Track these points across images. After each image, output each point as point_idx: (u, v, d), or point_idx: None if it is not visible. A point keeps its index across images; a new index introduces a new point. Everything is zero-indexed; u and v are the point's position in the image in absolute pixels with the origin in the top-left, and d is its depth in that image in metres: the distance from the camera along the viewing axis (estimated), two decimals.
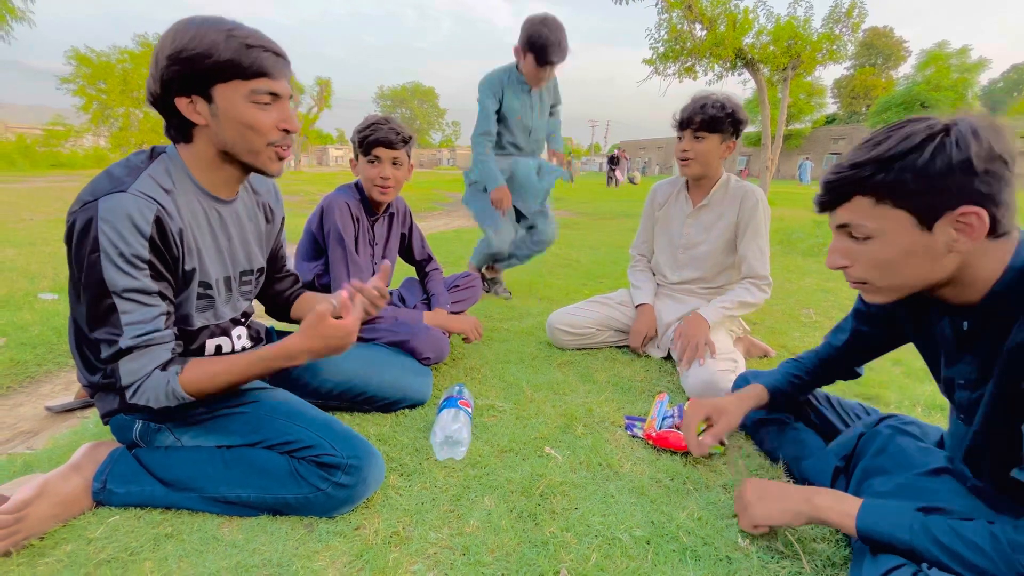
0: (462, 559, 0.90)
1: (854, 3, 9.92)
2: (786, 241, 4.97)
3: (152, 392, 0.90)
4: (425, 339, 1.60)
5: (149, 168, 0.90)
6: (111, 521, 0.97)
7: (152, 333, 0.89)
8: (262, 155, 0.94)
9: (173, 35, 0.85)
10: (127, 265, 0.84)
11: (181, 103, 0.88)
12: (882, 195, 0.70)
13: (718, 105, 1.63)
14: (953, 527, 0.70)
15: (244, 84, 0.88)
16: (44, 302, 2.47)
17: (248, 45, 0.86)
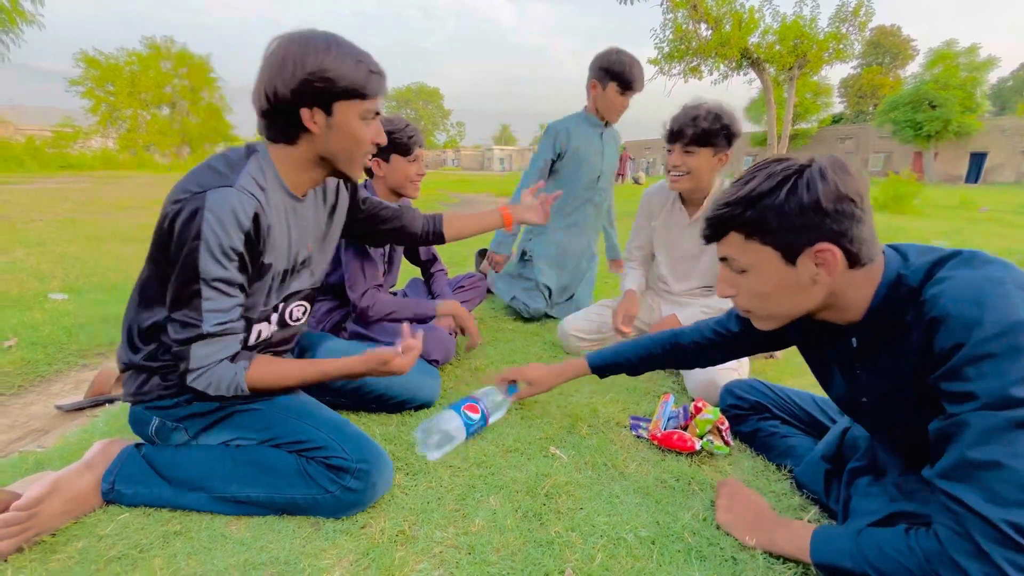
0: (467, 558, 0.90)
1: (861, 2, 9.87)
2: None
3: (216, 381, 0.96)
4: (433, 341, 1.61)
5: (248, 165, 0.96)
6: (121, 518, 0.98)
7: (229, 323, 0.95)
8: (356, 163, 1.06)
9: (313, 53, 0.93)
10: (222, 256, 0.90)
11: (304, 113, 0.96)
12: (750, 232, 0.76)
13: (711, 117, 1.54)
14: (879, 543, 0.73)
15: (361, 104, 0.99)
16: (54, 302, 2.50)
17: (371, 71, 0.98)
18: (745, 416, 1.29)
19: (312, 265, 1.17)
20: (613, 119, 2.24)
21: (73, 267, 3.27)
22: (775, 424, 1.24)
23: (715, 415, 1.27)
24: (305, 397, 1.12)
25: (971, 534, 0.61)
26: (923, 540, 0.68)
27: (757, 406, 1.26)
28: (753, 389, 1.28)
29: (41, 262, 3.37)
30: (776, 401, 1.25)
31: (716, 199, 0.80)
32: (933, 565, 0.65)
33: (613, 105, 2.17)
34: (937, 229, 5.81)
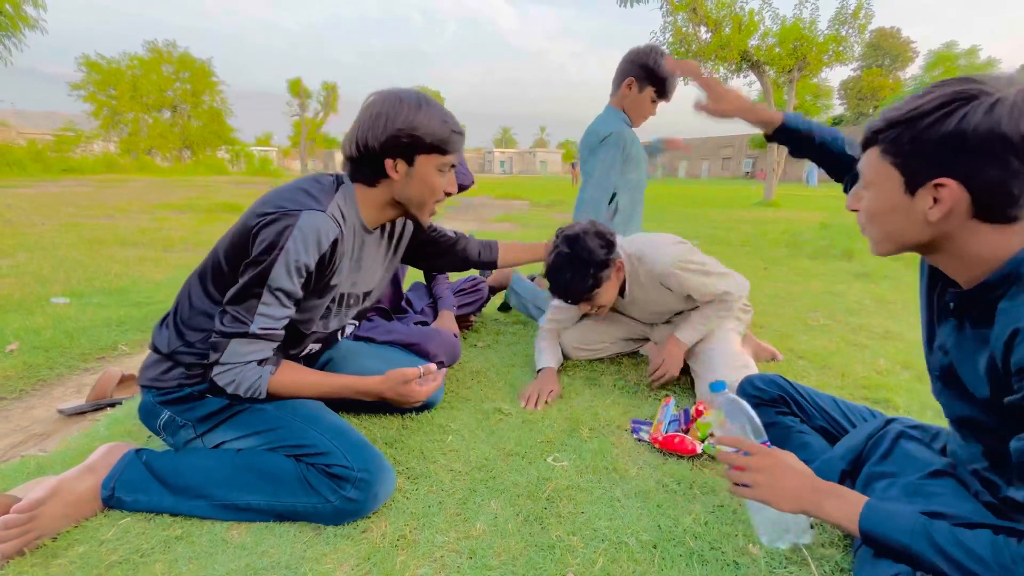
0: (469, 562, 0.90)
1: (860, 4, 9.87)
2: (793, 244, 4.94)
3: (240, 380, 1.01)
4: (438, 342, 1.62)
5: (336, 195, 1.07)
6: (122, 523, 0.98)
7: (273, 331, 1.01)
8: (427, 209, 1.16)
9: (407, 110, 1.03)
10: (295, 271, 0.98)
11: (388, 163, 1.06)
12: (886, 149, 0.72)
13: (580, 273, 1.43)
14: (955, 533, 0.69)
15: (440, 158, 1.09)
16: (56, 306, 2.50)
17: (453, 131, 1.08)
18: (764, 407, 1.27)
19: (372, 296, 1.27)
20: (637, 123, 2.07)
21: (75, 271, 3.28)
22: (793, 420, 1.22)
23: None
24: (312, 401, 1.12)
25: None
26: (1013, 545, 0.65)
27: (777, 400, 1.25)
28: (775, 384, 1.27)
29: (43, 266, 3.38)
30: (796, 399, 1.24)
31: (884, 110, 0.74)
32: (1016, 567, 0.62)
33: (644, 110, 2.02)
34: None
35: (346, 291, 1.17)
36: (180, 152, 26.28)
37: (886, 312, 2.70)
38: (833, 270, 3.82)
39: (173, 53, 25.75)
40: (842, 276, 3.62)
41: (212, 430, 1.06)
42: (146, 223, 5.76)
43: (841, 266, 3.96)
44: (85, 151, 21.63)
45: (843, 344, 2.16)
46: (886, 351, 2.06)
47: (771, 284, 3.31)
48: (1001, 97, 0.63)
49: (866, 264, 3.91)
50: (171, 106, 26.38)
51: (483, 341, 2.13)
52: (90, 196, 8.91)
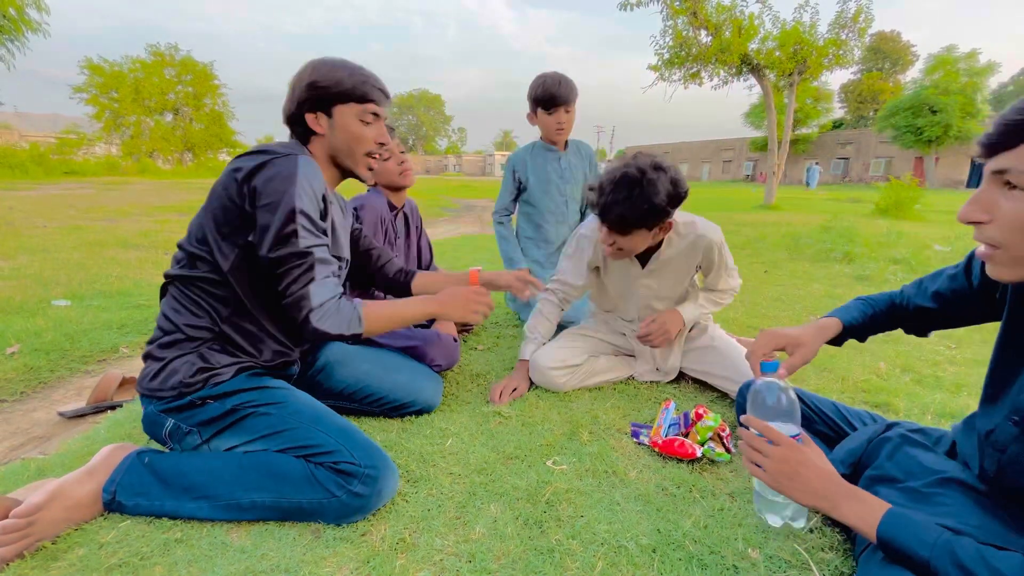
0: (468, 566, 0.90)
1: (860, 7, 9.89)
2: (793, 247, 4.94)
3: (339, 317, 1.06)
4: (436, 345, 1.62)
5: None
6: (122, 526, 0.98)
7: (329, 257, 1.07)
8: (359, 160, 1.19)
9: (312, 70, 1.12)
10: (315, 199, 1.05)
11: (309, 117, 1.13)
12: None
13: (643, 197, 1.26)
14: (981, 552, 0.66)
15: (357, 106, 1.14)
16: (57, 308, 2.51)
17: (363, 81, 1.13)
18: None
19: (345, 267, 1.28)
20: (557, 139, 2.20)
21: (76, 273, 3.29)
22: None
23: (716, 422, 1.27)
24: (315, 402, 1.13)
25: None
26: None
27: None
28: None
29: (44, 268, 3.39)
30: None
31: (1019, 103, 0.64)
32: None
33: (548, 127, 2.17)
34: (939, 234, 5.80)
35: (339, 254, 1.20)
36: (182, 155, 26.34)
37: None
38: (833, 273, 3.82)
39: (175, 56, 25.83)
40: (842, 279, 3.62)
41: (218, 435, 1.06)
42: (148, 225, 5.77)
43: (841, 269, 3.95)
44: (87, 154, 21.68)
45: (843, 348, 2.15)
46: (886, 354, 2.06)
47: (772, 287, 3.31)
48: None
49: (866, 267, 3.91)
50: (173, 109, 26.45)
51: (483, 344, 2.14)
52: (92, 198, 8.93)
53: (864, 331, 1.12)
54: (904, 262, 4.02)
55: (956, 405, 1.59)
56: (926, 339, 2.24)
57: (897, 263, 4.02)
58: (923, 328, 1.07)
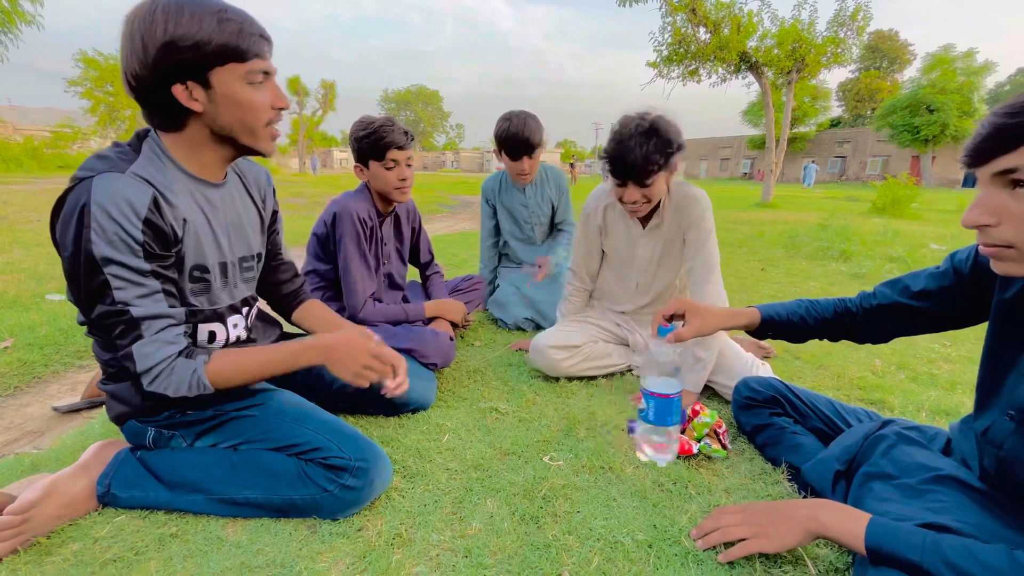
0: (464, 561, 0.90)
1: (859, 6, 9.88)
2: (790, 245, 4.95)
3: (175, 380, 0.89)
4: (431, 344, 1.61)
5: (143, 151, 0.90)
6: (117, 521, 0.98)
7: (158, 312, 0.87)
8: (259, 134, 0.94)
9: (164, 20, 0.81)
10: (121, 245, 0.82)
11: (178, 90, 0.85)
12: None
13: (655, 143, 1.34)
14: (969, 548, 0.67)
15: (240, 66, 0.87)
16: (52, 303, 2.49)
17: (242, 29, 0.86)
18: (758, 408, 1.28)
19: (259, 259, 1.13)
20: (521, 183, 2.28)
21: None
22: (787, 421, 1.23)
23: (712, 418, 1.27)
24: (300, 400, 1.11)
25: None
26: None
27: (772, 400, 1.25)
28: (769, 385, 1.27)
29: (39, 263, 3.36)
30: (791, 400, 1.24)
31: (1013, 103, 0.65)
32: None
33: (511, 171, 2.22)
34: (935, 233, 5.82)
35: (223, 259, 1.01)
36: None
37: None
38: (830, 271, 3.83)
39: None
40: (839, 277, 3.63)
41: (202, 436, 1.04)
42: None
43: (838, 267, 3.97)
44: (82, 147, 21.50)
45: (839, 345, 2.17)
46: (881, 352, 2.07)
47: (769, 285, 3.32)
48: None
49: (862, 265, 3.92)
50: None
51: (480, 340, 2.13)
52: None
53: (791, 332, 1.12)
54: (900, 260, 4.04)
55: (951, 402, 1.60)
56: (921, 337, 2.25)
57: (893, 261, 4.04)
58: (886, 332, 1.04)
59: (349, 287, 1.65)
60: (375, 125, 1.59)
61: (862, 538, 0.76)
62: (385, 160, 1.60)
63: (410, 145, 1.64)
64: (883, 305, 1.02)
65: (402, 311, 1.76)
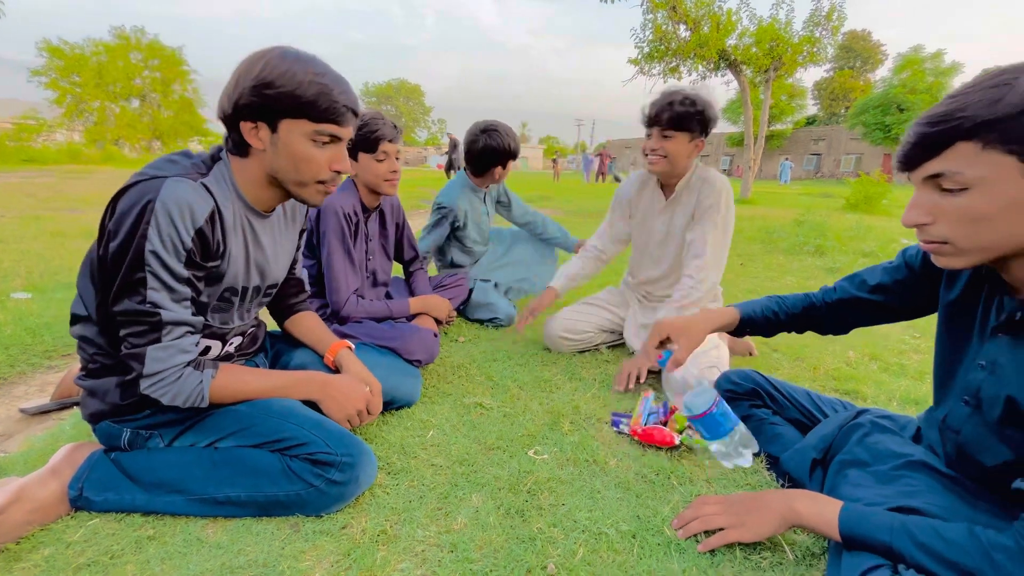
0: (449, 556, 0.90)
1: (834, 6, 10.09)
2: (767, 240, 5.05)
3: (177, 390, 0.92)
4: (416, 341, 1.60)
5: (213, 169, 0.95)
6: (91, 524, 0.95)
7: (183, 319, 0.91)
8: (309, 188, 0.99)
9: (265, 65, 0.89)
10: (171, 248, 0.86)
11: (245, 127, 0.92)
12: (992, 139, 0.64)
13: (688, 102, 1.57)
14: (934, 526, 0.71)
15: (310, 124, 0.92)
16: (17, 301, 2.40)
17: (328, 93, 0.91)
18: (738, 400, 1.31)
19: (274, 289, 1.16)
20: (492, 188, 2.44)
21: (36, 265, 3.14)
22: (766, 412, 1.26)
23: None
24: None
25: None
26: (991, 534, 0.67)
27: (752, 392, 1.28)
28: (749, 378, 1.30)
29: (3, 260, 3.23)
30: (770, 392, 1.28)
31: (934, 112, 0.69)
32: (995, 554, 0.65)
33: (492, 180, 2.33)
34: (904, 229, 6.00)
35: (248, 284, 1.05)
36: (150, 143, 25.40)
37: None
38: (806, 266, 3.93)
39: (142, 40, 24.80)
40: (814, 271, 3.72)
41: (182, 435, 1.02)
42: None
43: (813, 262, 4.06)
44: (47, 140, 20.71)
45: (815, 338, 2.22)
46: (855, 344, 2.13)
47: (748, 280, 3.38)
48: None
49: (836, 260, 4.03)
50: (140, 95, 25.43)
51: (464, 335, 2.13)
52: (53, 187, 8.54)
53: (766, 327, 1.18)
54: (872, 255, 4.15)
55: (920, 392, 1.66)
56: (892, 328, 2.32)
57: (866, 256, 4.15)
58: (847, 323, 1.09)
59: (332, 283, 1.63)
60: (367, 117, 1.61)
61: (835, 524, 0.79)
62: (377, 152, 1.62)
63: (399, 139, 1.67)
64: (843, 299, 1.07)
65: (386, 307, 1.74)
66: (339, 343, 1.28)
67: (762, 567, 0.89)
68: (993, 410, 0.77)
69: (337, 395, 1.09)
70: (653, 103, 1.63)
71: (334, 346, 1.27)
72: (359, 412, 1.11)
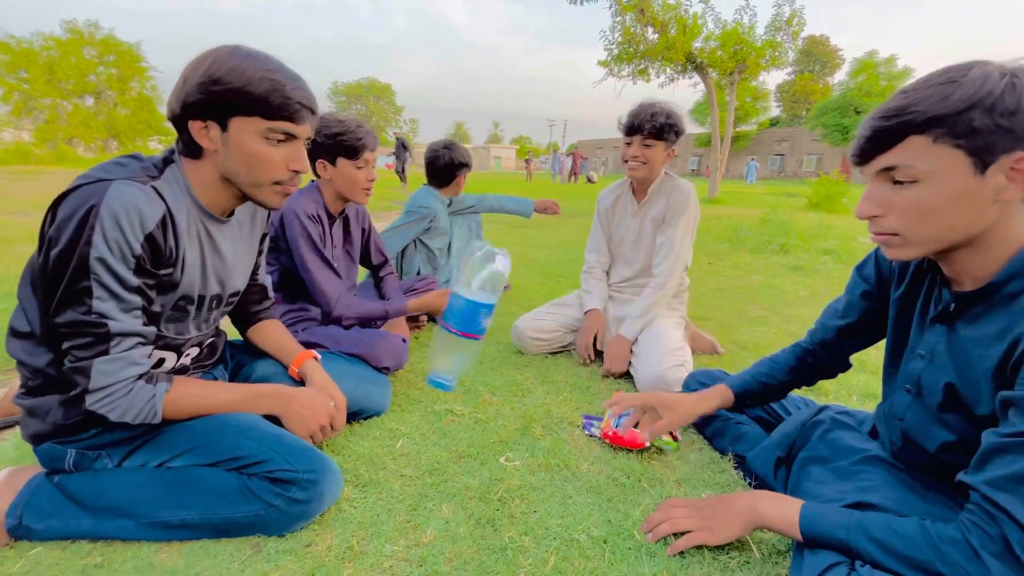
0: (419, 570, 0.88)
1: (794, 11, 10.46)
2: (734, 239, 5.18)
3: (127, 405, 0.87)
4: (384, 348, 1.56)
5: (165, 173, 0.90)
6: (32, 554, 0.89)
7: (133, 330, 0.85)
8: (265, 189, 0.95)
9: (212, 61, 0.85)
10: (118, 255, 0.81)
11: (194, 126, 0.88)
12: (942, 133, 0.66)
13: (665, 114, 1.72)
14: (887, 522, 0.74)
15: (263, 122, 0.89)
16: None
17: (281, 88, 0.87)
18: None
19: (235, 297, 1.11)
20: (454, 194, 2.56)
21: None
22: (732, 412, 1.28)
23: None
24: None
25: (1006, 537, 0.62)
26: (940, 528, 0.69)
27: None
28: (715, 379, 1.32)
29: None
30: None
31: (887, 107, 0.71)
32: (944, 547, 0.67)
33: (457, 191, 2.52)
34: (863, 227, 6.26)
35: (206, 293, 1.00)
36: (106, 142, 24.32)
37: (818, 303, 2.88)
38: (771, 264, 4.04)
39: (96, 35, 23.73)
40: (779, 270, 3.83)
41: (132, 454, 0.96)
42: None
43: (778, 260, 4.19)
44: None
45: (780, 335, 2.29)
46: None
47: (715, 278, 3.46)
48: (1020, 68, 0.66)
49: (800, 258, 4.16)
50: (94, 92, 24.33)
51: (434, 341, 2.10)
52: None
53: (766, 393, 1.18)
54: (833, 252, 4.31)
55: (878, 387, 1.72)
56: None
57: (827, 253, 4.31)
58: (843, 354, 1.12)
59: (316, 288, 1.59)
60: (352, 124, 1.58)
61: (796, 524, 0.81)
62: (359, 159, 1.59)
63: (377, 148, 1.65)
64: (824, 334, 1.10)
65: (382, 308, 1.70)
66: (304, 353, 1.24)
67: (730, 567, 0.90)
68: (933, 397, 0.81)
69: (301, 409, 1.05)
70: (634, 114, 1.75)
71: (299, 356, 1.23)
72: (322, 427, 1.08)
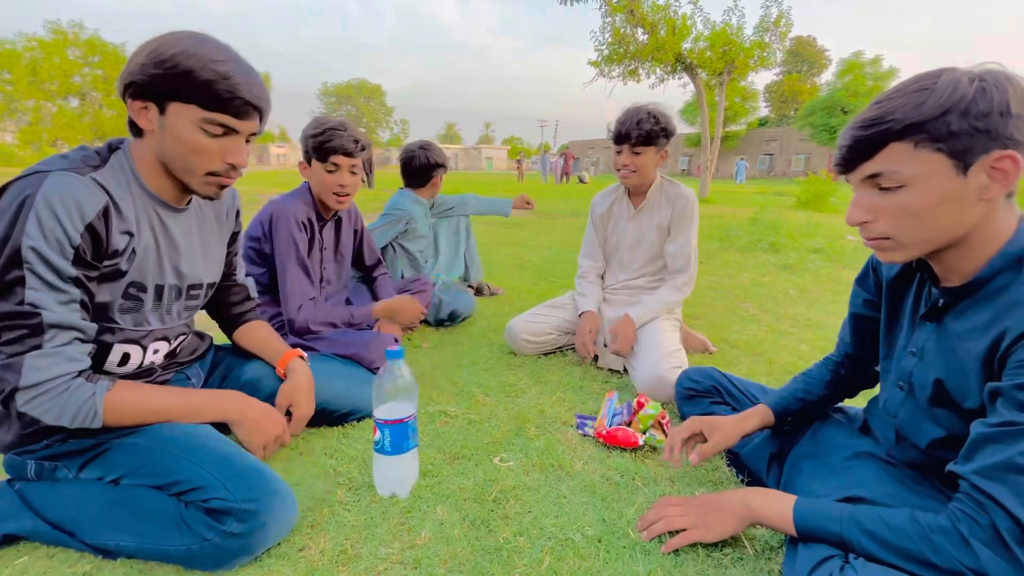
0: (414, 573, 0.88)
1: (781, 13, 10.57)
2: (724, 238, 5.22)
3: (62, 404, 0.80)
4: (375, 348, 1.56)
5: (110, 162, 0.88)
6: (19, 563, 0.88)
7: (70, 323, 0.81)
8: (197, 179, 0.92)
9: (162, 41, 0.83)
10: (55, 247, 0.78)
11: (134, 106, 0.86)
12: (922, 139, 0.68)
13: (652, 119, 1.71)
14: (879, 514, 0.75)
15: (200, 111, 0.86)
16: None
17: (227, 83, 0.84)
18: (698, 398, 1.34)
19: (209, 289, 1.10)
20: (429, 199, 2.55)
21: None
22: (725, 409, 1.29)
23: (657, 410, 1.31)
24: (198, 427, 0.95)
25: (995, 525, 0.63)
26: (930, 518, 0.70)
27: (711, 390, 1.32)
28: (708, 376, 1.33)
29: None
30: (728, 388, 1.31)
31: (865, 117, 0.72)
32: (934, 536, 0.67)
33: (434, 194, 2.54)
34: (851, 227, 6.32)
35: (163, 283, 0.97)
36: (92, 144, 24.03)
37: (807, 301, 2.91)
38: (761, 262, 4.07)
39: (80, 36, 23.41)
40: (768, 268, 3.86)
41: (87, 466, 0.91)
42: None
43: (768, 259, 4.22)
44: None
45: (770, 333, 2.31)
46: (808, 338, 2.22)
47: (706, 277, 3.48)
48: (1002, 71, 0.67)
49: (789, 257, 4.20)
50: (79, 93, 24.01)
51: (428, 341, 2.10)
52: None
53: (806, 410, 1.12)
54: (822, 251, 4.35)
55: None
56: None
57: (816, 252, 4.35)
58: (868, 363, 1.07)
59: (285, 292, 1.57)
60: (327, 125, 1.55)
61: (791, 520, 0.82)
62: (327, 163, 1.56)
63: (359, 154, 1.58)
64: (847, 348, 1.07)
65: (347, 313, 1.68)
66: (290, 352, 1.23)
67: (724, 564, 0.91)
68: (924, 393, 0.82)
69: (251, 423, 1.01)
70: (621, 122, 1.75)
71: (285, 355, 1.22)
72: (277, 437, 1.05)
